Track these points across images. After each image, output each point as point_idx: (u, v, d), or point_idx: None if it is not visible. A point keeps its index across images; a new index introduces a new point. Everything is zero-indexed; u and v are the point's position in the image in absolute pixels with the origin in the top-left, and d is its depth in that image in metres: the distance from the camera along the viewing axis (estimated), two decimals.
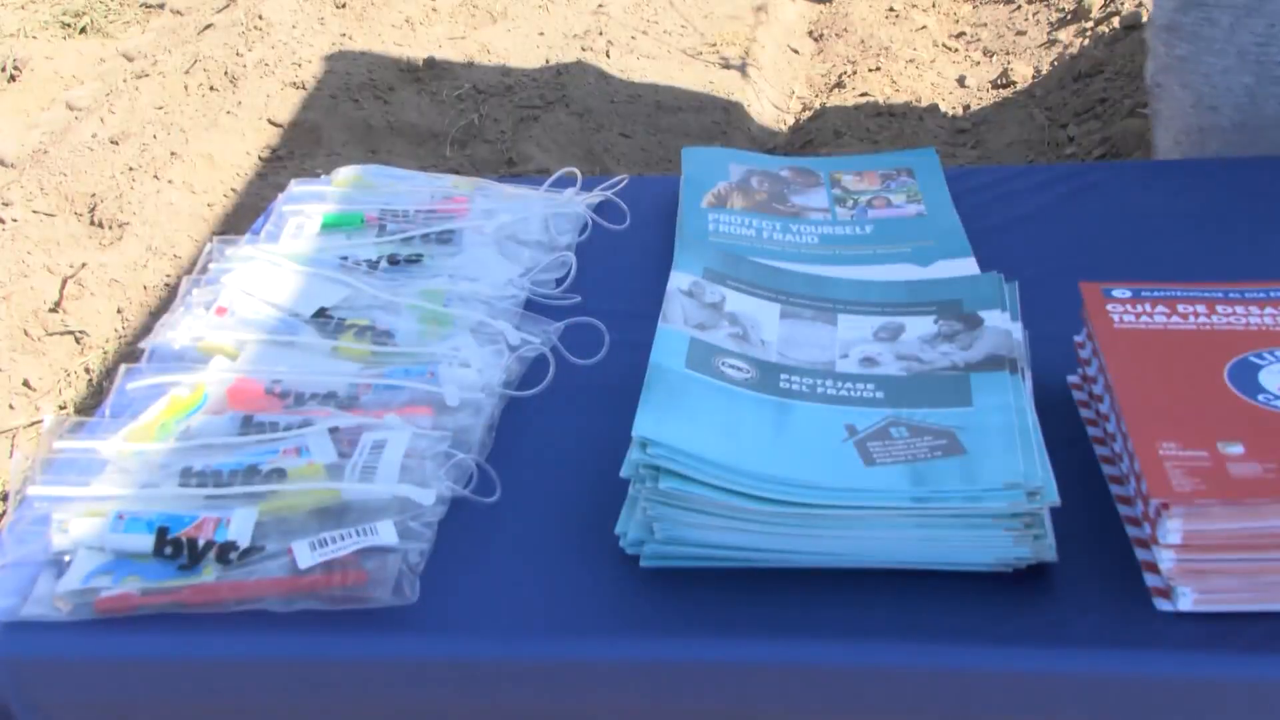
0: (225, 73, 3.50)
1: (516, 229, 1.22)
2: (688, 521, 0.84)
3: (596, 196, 1.30)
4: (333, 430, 0.93)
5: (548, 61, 3.77)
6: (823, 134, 3.62)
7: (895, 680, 0.79)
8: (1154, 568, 0.79)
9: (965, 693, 0.78)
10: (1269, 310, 0.93)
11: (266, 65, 3.51)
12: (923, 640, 0.79)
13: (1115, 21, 3.97)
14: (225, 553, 0.84)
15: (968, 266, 1.16)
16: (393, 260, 1.17)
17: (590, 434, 0.98)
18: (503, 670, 0.82)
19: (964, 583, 0.82)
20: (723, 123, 3.67)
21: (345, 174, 1.32)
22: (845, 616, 0.81)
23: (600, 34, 3.91)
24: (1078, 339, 0.99)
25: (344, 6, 4.02)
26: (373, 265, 1.16)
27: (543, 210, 1.25)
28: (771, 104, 3.95)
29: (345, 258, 1.17)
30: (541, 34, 3.97)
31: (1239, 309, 0.94)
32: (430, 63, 3.64)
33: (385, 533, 0.84)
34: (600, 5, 4.11)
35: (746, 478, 0.83)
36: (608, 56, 3.81)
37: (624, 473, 0.86)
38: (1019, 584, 0.81)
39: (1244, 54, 1.46)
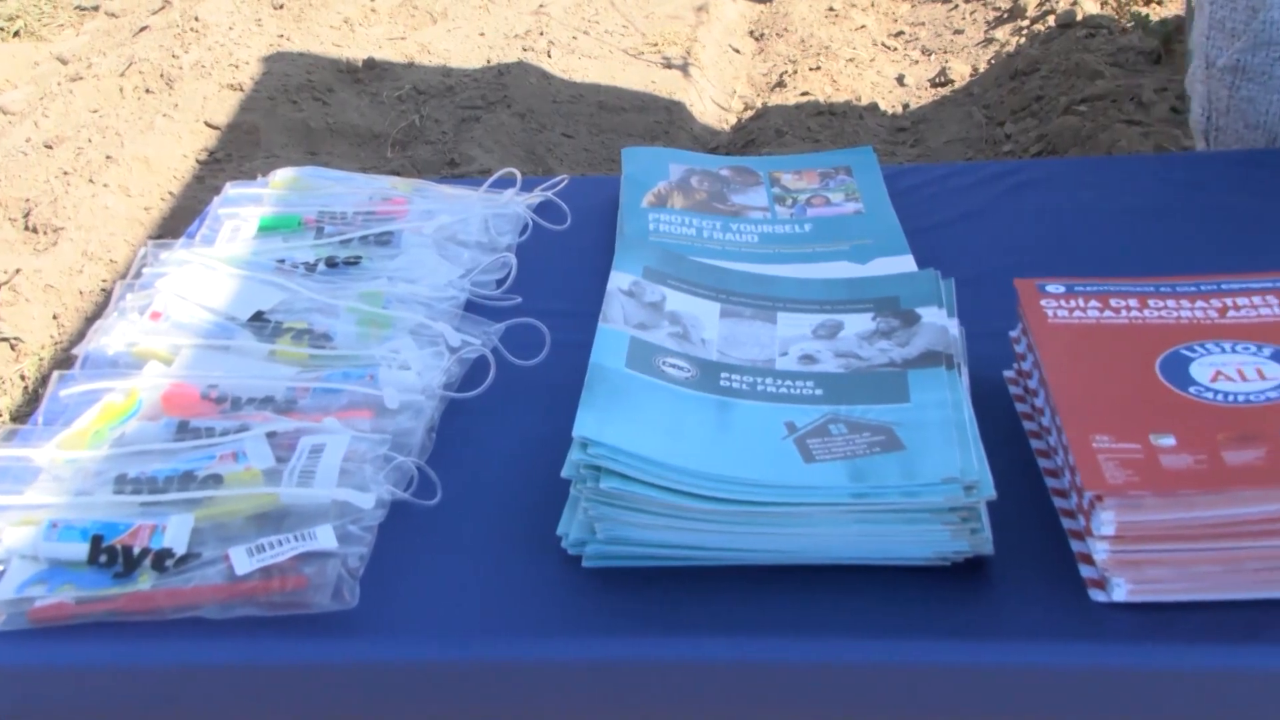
0: (161, 75, 3.45)
1: (456, 230, 1.22)
2: (629, 521, 0.84)
3: (537, 197, 1.30)
4: (270, 435, 0.92)
5: (489, 62, 3.76)
6: (765, 133, 3.64)
7: (837, 676, 0.79)
8: (1089, 559, 0.80)
9: (906, 687, 0.79)
10: (1199, 304, 0.95)
11: (203, 67, 3.47)
12: (864, 635, 0.79)
13: (1050, 20, 4.02)
14: (161, 560, 0.83)
15: (905, 264, 1.17)
16: (331, 262, 1.16)
17: (532, 435, 0.98)
18: (445, 673, 0.81)
19: (904, 577, 0.83)
20: (665, 122, 3.68)
21: (282, 176, 1.31)
22: (788, 613, 0.81)
23: (541, 34, 3.91)
24: (1013, 334, 1.00)
25: (281, 8, 3.98)
26: (310, 268, 1.15)
27: (482, 211, 1.25)
28: (714, 103, 3.96)
29: (282, 260, 1.16)
30: (482, 34, 3.95)
31: (1170, 303, 0.95)
32: (370, 63, 3.61)
33: (324, 537, 0.83)
34: (541, 5, 4.11)
35: (687, 476, 0.83)
36: (549, 57, 3.81)
37: (565, 473, 0.86)
38: (958, 577, 0.82)
39: None
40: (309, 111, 3.36)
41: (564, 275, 1.20)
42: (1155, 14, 3.94)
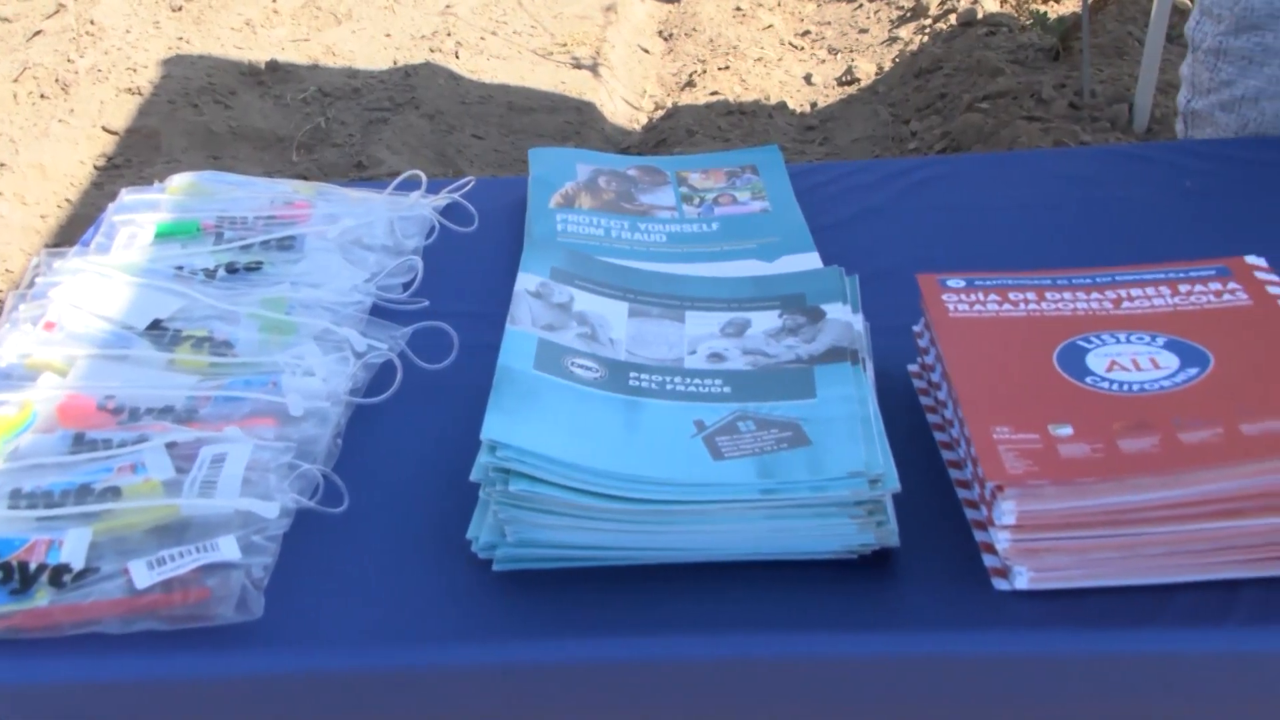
0: (56, 80, 3.36)
1: (361, 233, 1.20)
2: (539, 523, 0.84)
3: (443, 199, 1.29)
4: (170, 445, 0.90)
5: (395, 63, 3.73)
6: (675, 133, 3.65)
7: (748, 672, 0.80)
8: (992, 549, 0.81)
9: (816, 680, 0.80)
10: (1095, 295, 0.97)
11: (100, 71, 3.39)
12: (774, 630, 0.80)
13: (952, 19, 4.09)
14: (59, 575, 0.81)
15: (811, 261, 1.18)
16: (231, 268, 1.14)
17: (441, 439, 0.97)
18: (354, 682, 0.80)
19: (813, 571, 0.83)
20: (576, 123, 3.67)
21: (180, 181, 1.29)
22: (702, 610, 0.82)
23: (449, 35, 3.88)
24: (916, 329, 1.02)
25: (180, 10, 3.90)
26: (210, 274, 1.13)
27: (388, 214, 1.23)
28: (625, 103, 3.97)
29: (180, 267, 1.14)
30: (388, 35, 3.92)
31: (1067, 295, 0.97)
32: (273, 65, 3.56)
33: (227, 548, 0.82)
34: (448, 6, 4.08)
35: (597, 477, 0.83)
36: (457, 57, 3.78)
37: (474, 476, 0.85)
38: (865, 570, 0.83)
39: None
40: (211, 115, 3.30)
41: (472, 277, 1.19)
42: (1053, 12, 4.02)
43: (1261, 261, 0.99)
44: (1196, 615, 0.77)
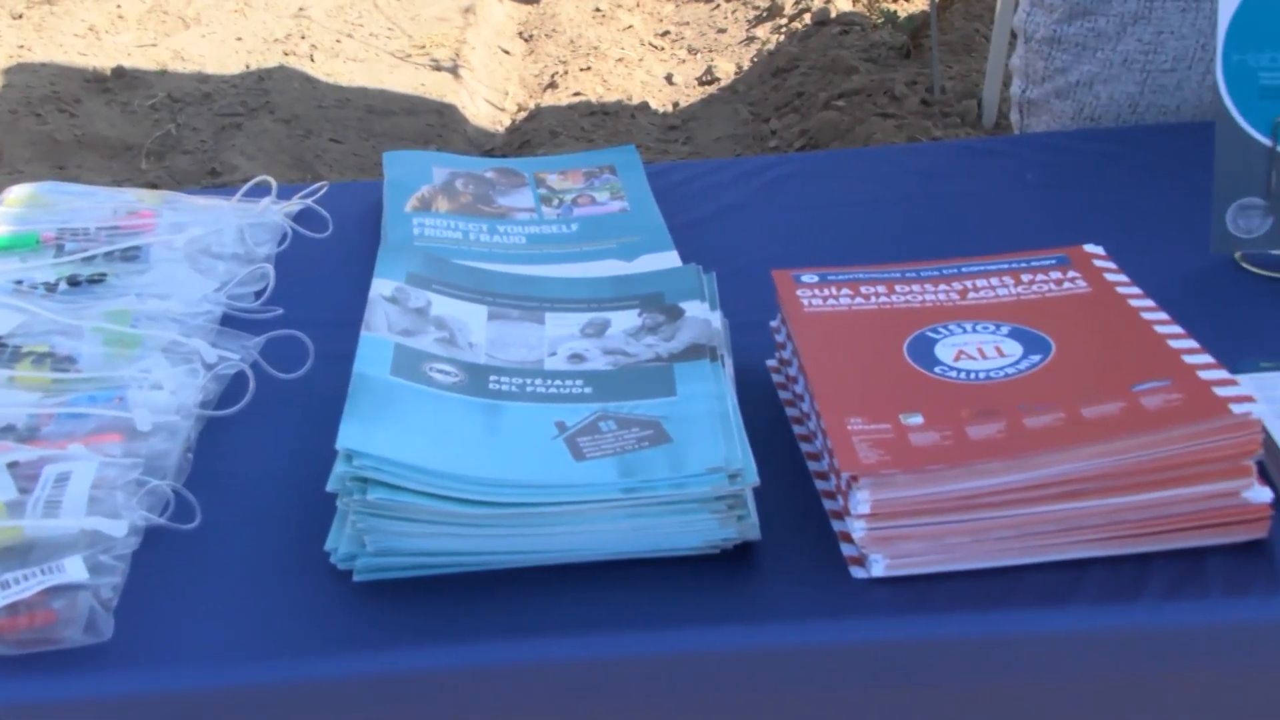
0: None
1: (209, 242, 1.17)
2: (399, 531, 0.82)
3: (295, 205, 1.27)
4: (11, 465, 0.87)
5: (248, 67, 3.64)
6: (539, 134, 3.65)
7: (618, 670, 0.80)
8: (849, 538, 0.83)
9: (684, 676, 0.80)
10: (942, 287, 0.99)
11: None
12: (640, 629, 0.80)
13: (807, 18, 4.16)
14: None
15: (670, 260, 1.19)
16: (73, 281, 1.10)
17: (297, 449, 0.95)
18: (213, 700, 0.78)
19: (677, 567, 0.84)
20: (438, 125, 3.64)
21: (18, 192, 1.24)
22: (566, 612, 0.81)
23: (303, 38, 3.81)
24: (773, 324, 1.03)
25: (20, 17, 3.76)
26: (50, 288, 1.09)
27: (238, 221, 1.20)
28: (487, 104, 3.94)
29: (20, 281, 1.10)
30: (239, 39, 3.83)
31: (915, 287, 1.00)
32: (119, 72, 3.45)
33: (73, 569, 0.79)
34: (301, 8, 4.00)
35: (456, 482, 0.82)
36: (312, 60, 3.72)
37: (330, 486, 0.84)
38: (727, 564, 0.84)
39: (1130, 63, 1.46)
40: (55, 124, 3.19)
41: (327, 284, 1.17)
42: (903, 10, 4.12)
43: (1099, 250, 1.03)
44: (1045, 595, 0.79)
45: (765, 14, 4.33)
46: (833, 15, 4.10)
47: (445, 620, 0.81)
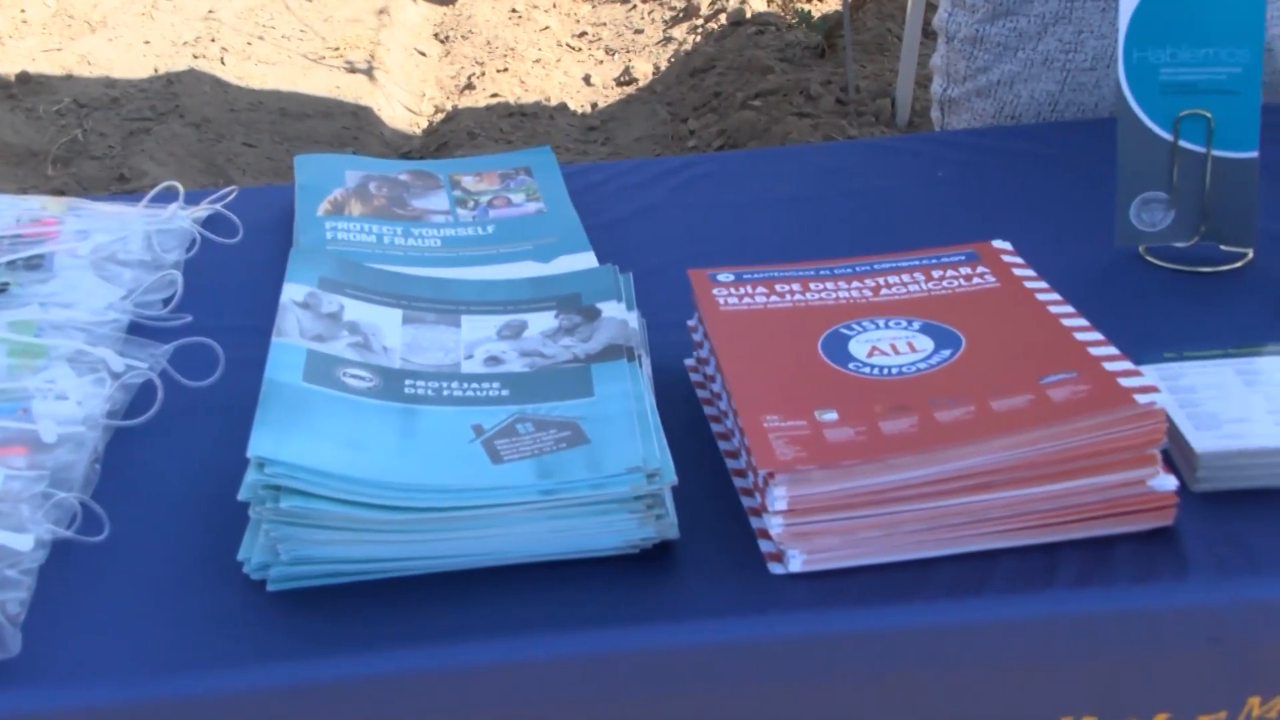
0: None
1: (115, 249, 1.15)
2: (314, 539, 0.81)
3: (204, 210, 1.25)
4: None
5: (156, 71, 3.58)
6: (457, 136, 3.63)
7: (538, 673, 0.80)
8: (767, 534, 0.83)
9: (605, 677, 0.80)
10: (855, 284, 1.00)
11: None
12: (560, 630, 0.80)
13: (722, 18, 4.19)
14: None
15: (587, 260, 1.19)
16: None
17: (208, 459, 0.94)
18: (126, 714, 0.77)
19: (597, 568, 0.84)
20: (354, 128, 3.61)
21: None
22: (487, 616, 0.81)
23: (213, 40, 3.75)
24: (690, 323, 1.04)
25: None
26: None
27: (145, 228, 1.18)
28: (403, 107, 3.92)
29: None
30: (147, 42, 3.76)
31: (829, 285, 1.01)
32: (23, 77, 3.37)
33: None
34: (210, 11, 3.94)
35: (371, 488, 0.82)
36: (223, 63, 3.66)
37: (242, 495, 0.82)
38: (647, 564, 0.84)
39: (1050, 62, 1.48)
40: None
41: (238, 291, 1.15)
42: (816, 10, 4.16)
43: (1007, 245, 1.05)
44: (957, 587, 0.80)
45: (681, 14, 4.35)
46: (748, 15, 4.13)
47: (362, 628, 0.80)
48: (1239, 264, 1.14)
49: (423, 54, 4.26)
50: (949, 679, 0.81)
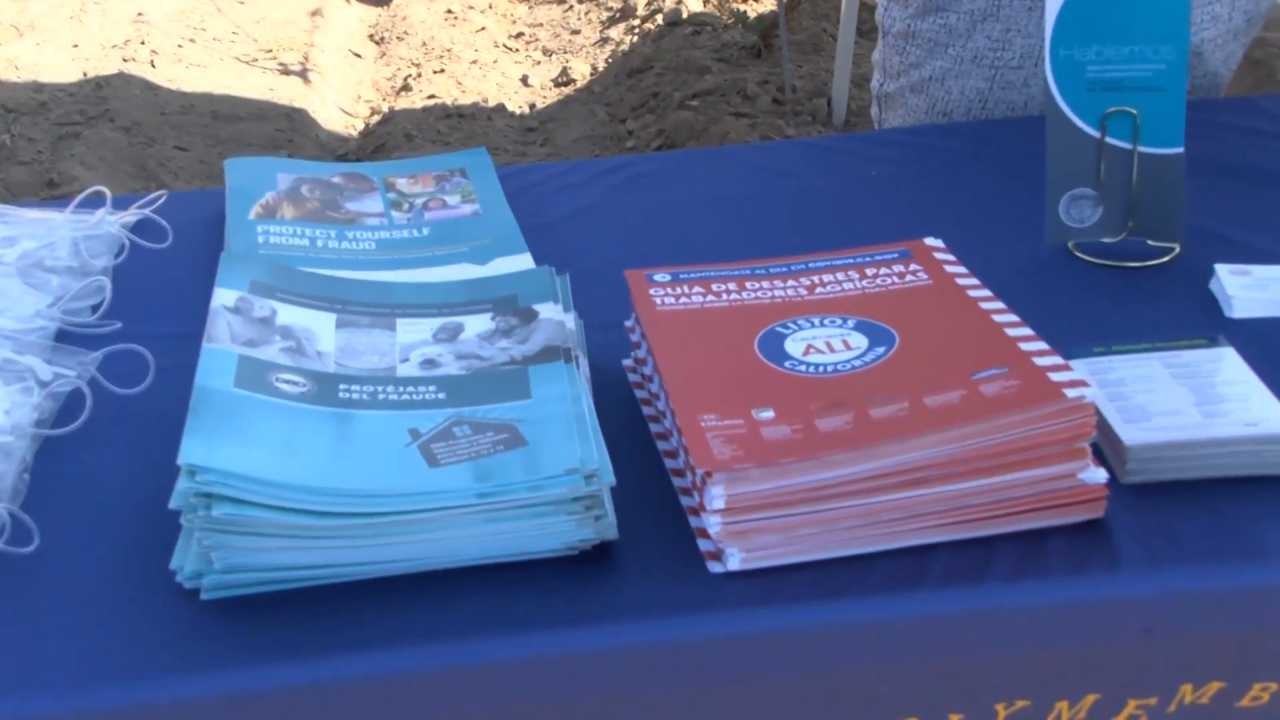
0: None
1: (42, 255, 1.13)
2: (248, 546, 0.80)
3: (133, 215, 1.23)
4: None
5: (85, 75, 3.53)
6: (394, 138, 3.60)
7: (479, 677, 0.79)
8: (706, 533, 0.83)
9: (545, 679, 0.80)
10: (790, 283, 1.01)
11: None
12: (500, 634, 0.80)
13: (659, 19, 4.19)
14: None
15: (524, 262, 1.19)
16: None
17: (139, 467, 0.92)
18: None
19: (537, 570, 0.83)
20: (288, 130, 3.57)
21: None
22: (426, 621, 0.81)
23: (143, 43, 3.70)
24: (628, 324, 1.04)
25: None
26: None
27: (72, 234, 1.16)
28: (339, 109, 3.88)
29: None
30: (76, 46, 3.70)
31: (765, 284, 1.01)
32: None
33: None
34: (140, 14, 3.89)
35: (305, 494, 0.81)
36: (153, 67, 3.61)
37: (174, 504, 0.81)
38: (587, 565, 0.84)
39: (979, 59, 1.49)
40: None
41: (168, 297, 1.14)
42: (752, 10, 4.18)
43: (939, 243, 1.06)
44: (894, 582, 0.81)
45: (618, 15, 4.35)
46: (684, 16, 4.14)
47: (299, 635, 0.79)
48: (1166, 258, 1.16)
49: (358, 55, 4.23)
50: (887, 672, 0.81)
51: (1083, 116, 1.13)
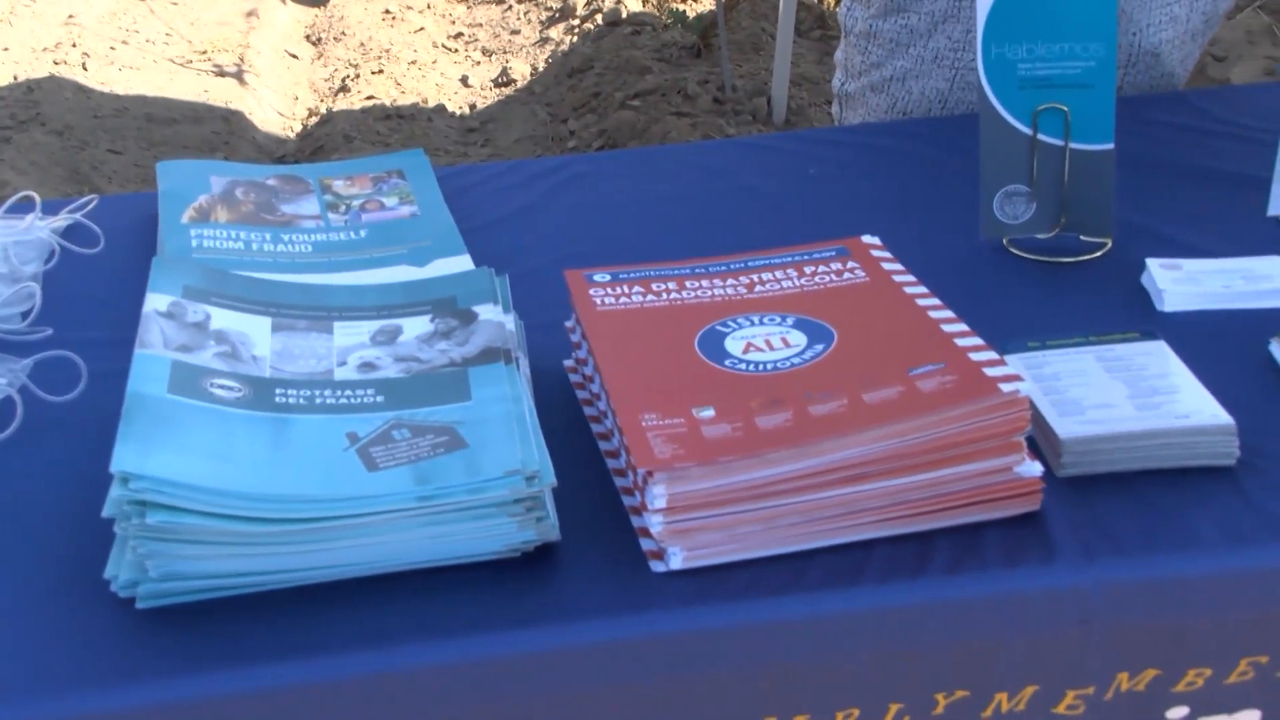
0: None
1: None
2: (183, 554, 0.79)
3: (63, 220, 1.21)
4: None
5: (16, 78, 3.46)
6: (333, 139, 3.57)
7: (420, 681, 0.79)
8: (648, 533, 0.83)
9: (487, 682, 0.79)
10: (730, 281, 1.01)
11: None
12: (442, 637, 0.79)
13: (599, 18, 4.19)
14: None
15: (464, 263, 1.18)
16: None
17: (72, 476, 0.91)
18: None
19: (479, 573, 0.83)
20: (225, 132, 3.53)
21: None
22: (366, 625, 0.80)
23: (74, 46, 3.64)
24: (568, 324, 1.03)
25: None
26: None
27: (1, 239, 1.14)
28: (275, 111, 3.84)
29: None
30: (5, 49, 3.63)
31: (705, 283, 1.01)
32: None
33: None
34: (71, 16, 3.82)
35: (242, 500, 0.80)
36: (85, 69, 3.55)
37: (107, 512, 0.80)
38: (529, 567, 0.83)
39: (940, 59, 1.50)
40: None
41: (100, 302, 1.12)
42: (691, 10, 4.19)
43: (876, 240, 1.07)
44: (834, 577, 0.82)
45: (558, 15, 4.34)
46: (624, 16, 4.14)
47: (238, 643, 0.79)
48: (1098, 254, 1.17)
49: (294, 56, 4.19)
50: (828, 667, 0.82)
51: (1015, 114, 1.14)
